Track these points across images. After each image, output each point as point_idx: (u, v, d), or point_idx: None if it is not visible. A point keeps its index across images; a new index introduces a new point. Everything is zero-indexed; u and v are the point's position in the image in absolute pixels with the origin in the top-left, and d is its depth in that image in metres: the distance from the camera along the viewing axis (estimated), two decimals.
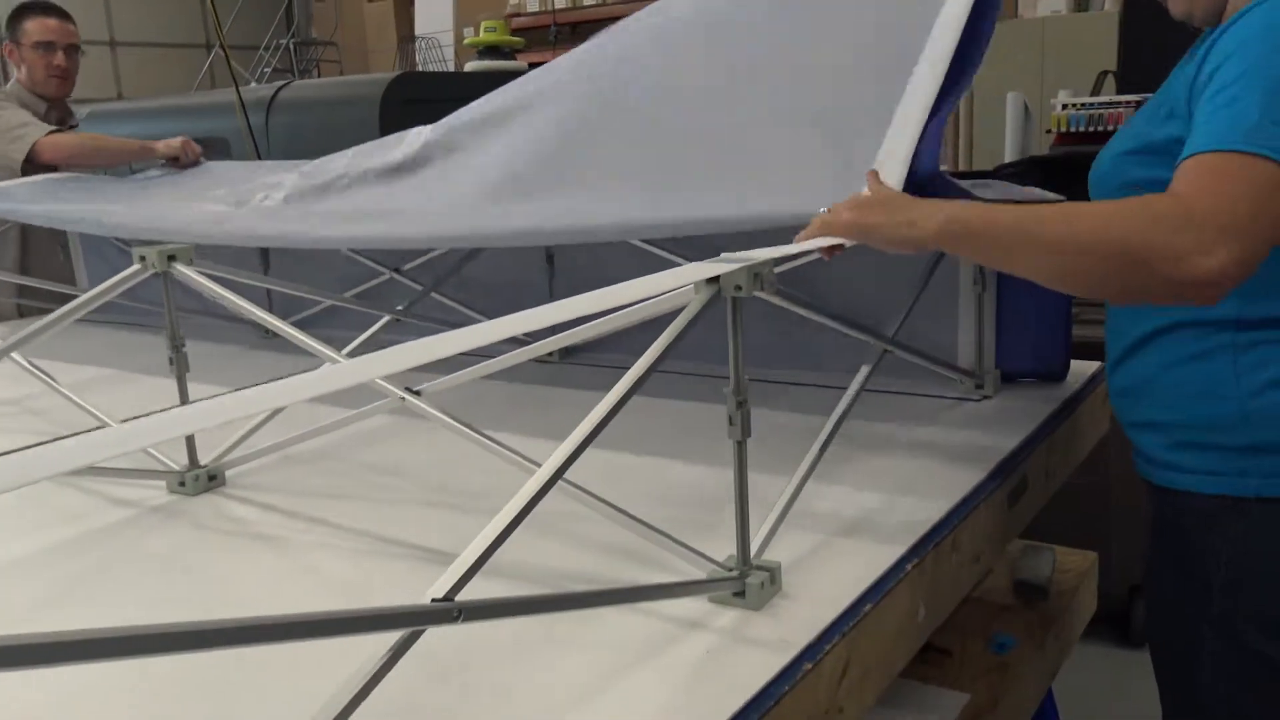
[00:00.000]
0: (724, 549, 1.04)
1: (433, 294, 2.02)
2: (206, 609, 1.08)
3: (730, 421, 0.99)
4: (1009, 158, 4.20)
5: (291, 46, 8.60)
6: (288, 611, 0.61)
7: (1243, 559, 1.20)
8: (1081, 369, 1.71)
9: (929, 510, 1.19)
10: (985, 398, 1.61)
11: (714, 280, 0.96)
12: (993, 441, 1.41)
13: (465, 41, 4.84)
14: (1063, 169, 3.52)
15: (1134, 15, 4.94)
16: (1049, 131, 4.29)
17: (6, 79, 3.20)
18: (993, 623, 1.61)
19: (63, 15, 3.11)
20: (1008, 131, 4.50)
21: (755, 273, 0.97)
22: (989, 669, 1.50)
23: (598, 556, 1.14)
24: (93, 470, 1.43)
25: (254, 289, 2.37)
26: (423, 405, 1.22)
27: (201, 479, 1.41)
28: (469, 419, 1.22)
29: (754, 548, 1.03)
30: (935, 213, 1.08)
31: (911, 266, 1.50)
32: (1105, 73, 4.87)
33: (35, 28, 3.03)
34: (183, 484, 1.40)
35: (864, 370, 1.34)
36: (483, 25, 4.34)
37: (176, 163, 2.86)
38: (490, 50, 4.26)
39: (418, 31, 5.76)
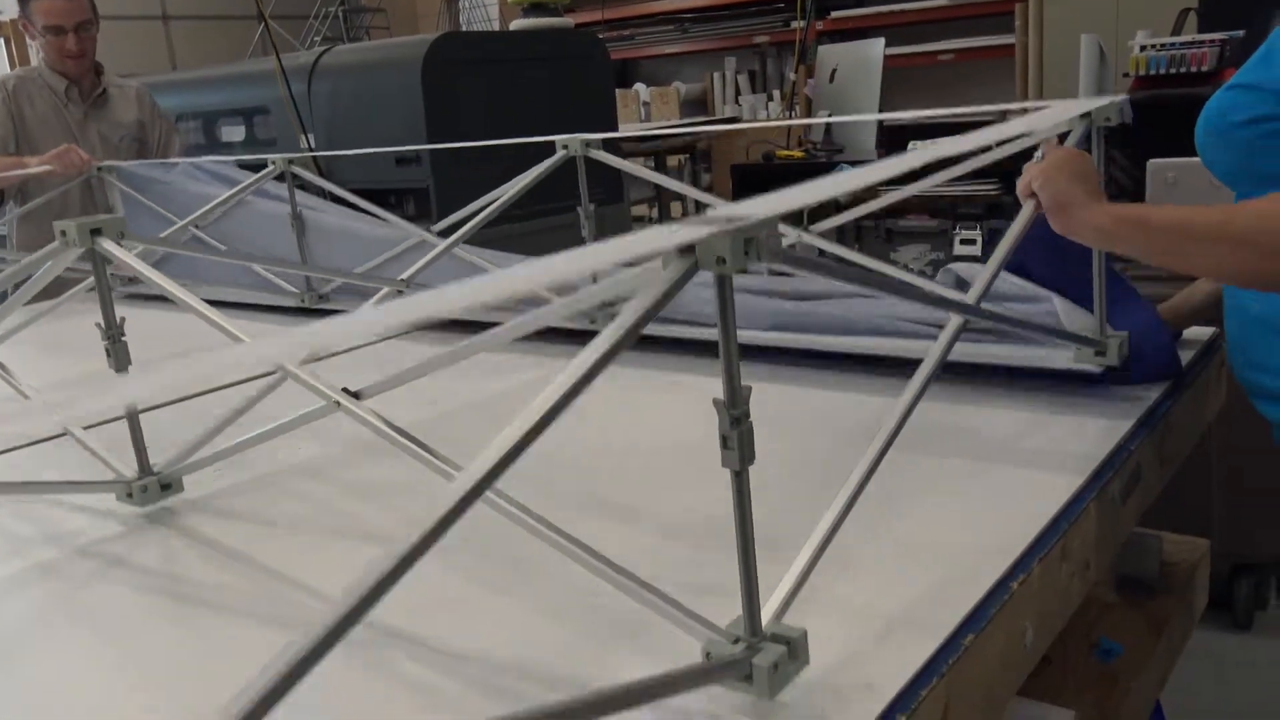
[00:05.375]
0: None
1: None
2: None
3: (725, 444, 0.73)
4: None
5: (341, 14, 8.50)
6: None
7: None
8: (1196, 335, 1.52)
9: (1031, 516, 1.02)
10: (1110, 369, 1.32)
11: (689, 250, 0.68)
12: (1099, 427, 1.23)
13: (510, 0, 4.68)
14: (1149, 114, 3.30)
15: None
16: (1126, 75, 4.03)
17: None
18: (1095, 625, 1.43)
19: None
20: (1082, 76, 4.24)
21: (748, 238, 0.68)
22: (1095, 679, 1.33)
23: (563, 621, 0.92)
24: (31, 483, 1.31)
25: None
26: (357, 409, 1.01)
27: (153, 489, 1.25)
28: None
29: (772, 609, 0.79)
30: (1098, 214, 1.15)
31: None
32: (1186, 10, 4.56)
33: (42, 9, 2.86)
34: (130, 495, 1.24)
35: (938, 347, 1.03)
36: None
37: (56, 174, 2.69)
38: (536, 8, 4.10)
39: None
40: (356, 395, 1.08)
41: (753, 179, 3.97)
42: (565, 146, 1.83)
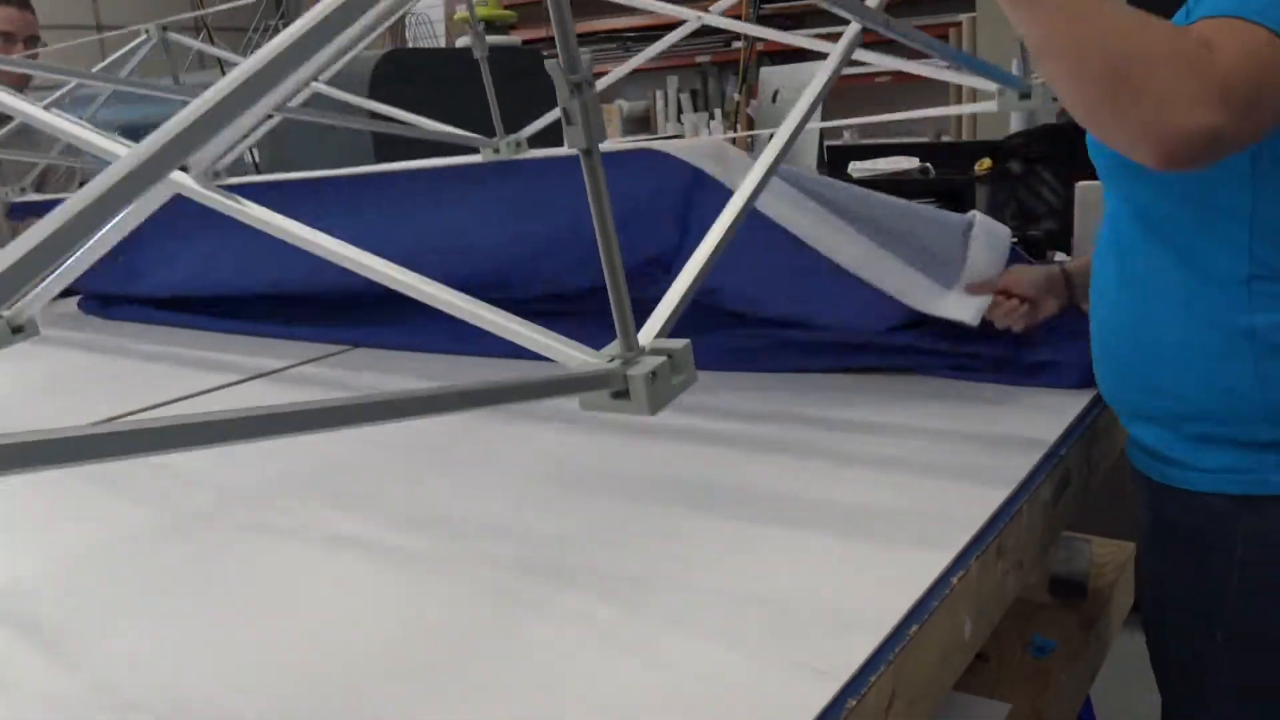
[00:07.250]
0: None
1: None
2: None
3: (567, 119, 0.64)
4: (1016, 127, 4.07)
5: (280, 28, 8.47)
6: None
7: (1260, 562, 1.10)
8: None
9: (969, 517, 1.08)
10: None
11: None
12: (1030, 432, 1.30)
13: (455, 17, 4.72)
14: (1078, 136, 3.43)
15: None
16: (1055, 99, 4.18)
17: None
18: (1029, 624, 1.51)
19: (23, 3, 2.88)
20: None
21: None
22: (1029, 675, 1.40)
23: None
24: None
25: None
26: (196, 186, 0.95)
27: (2, 332, 1.15)
28: None
29: (653, 329, 0.73)
30: None
31: None
32: None
33: None
34: None
35: (840, 45, 0.97)
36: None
37: None
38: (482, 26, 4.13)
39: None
40: (184, 169, 0.97)
41: None
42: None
